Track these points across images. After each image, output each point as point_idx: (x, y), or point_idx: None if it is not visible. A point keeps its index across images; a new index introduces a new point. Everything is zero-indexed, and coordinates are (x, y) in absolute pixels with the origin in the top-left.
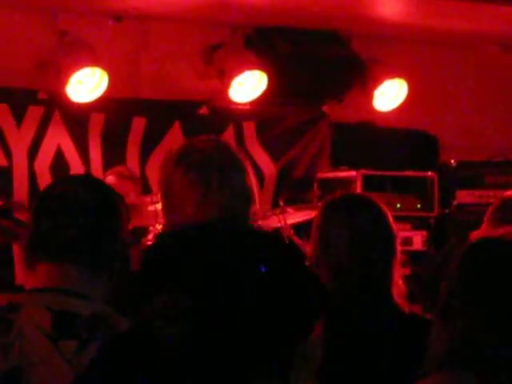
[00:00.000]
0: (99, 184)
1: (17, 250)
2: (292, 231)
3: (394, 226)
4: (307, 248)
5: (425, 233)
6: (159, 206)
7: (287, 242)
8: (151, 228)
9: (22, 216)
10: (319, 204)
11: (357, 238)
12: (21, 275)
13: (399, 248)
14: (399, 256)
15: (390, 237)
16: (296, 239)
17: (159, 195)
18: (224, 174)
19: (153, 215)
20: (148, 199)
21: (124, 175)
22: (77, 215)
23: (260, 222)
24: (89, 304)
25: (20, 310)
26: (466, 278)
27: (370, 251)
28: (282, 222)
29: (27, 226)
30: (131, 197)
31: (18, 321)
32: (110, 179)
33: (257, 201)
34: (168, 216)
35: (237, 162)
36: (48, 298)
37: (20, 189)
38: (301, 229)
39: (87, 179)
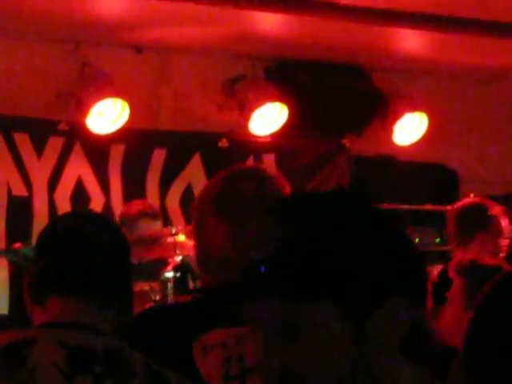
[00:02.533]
0: (109, 221)
1: None
2: None
3: None
4: None
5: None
6: (178, 238)
7: None
8: (170, 260)
9: None
10: None
11: None
12: None
13: None
14: None
15: None
16: None
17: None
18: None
19: (172, 247)
20: (167, 231)
21: (158, 217)
22: (88, 250)
23: None
24: (102, 339)
25: (33, 345)
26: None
27: None
28: None
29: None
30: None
31: (32, 357)
32: (147, 222)
33: None
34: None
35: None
36: (61, 333)
37: (40, 219)
38: None
39: (96, 215)
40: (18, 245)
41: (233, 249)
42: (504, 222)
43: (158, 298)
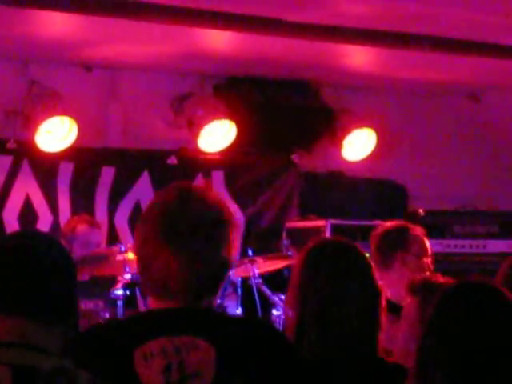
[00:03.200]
0: (54, 240)
1: None
2: (261, 281)
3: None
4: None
5: None
6: (128, 256)
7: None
8: (120, 278)
9: None
10: (288, 253)
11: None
12: None
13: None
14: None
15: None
16: (265, 289)
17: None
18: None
19: (121, 265)
20: (116, 249)
21: (95, 224)
22: (33, 269)
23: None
24: (49, 358)
25: None
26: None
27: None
28: (251, 272)
29: None
30: (102, 246)
31: None
32: (84, 227)
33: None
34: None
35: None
36: (8, 353)
37: None
38: (269, 279)
39: (42, 235)
40: None
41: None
42: (426, 241)
43: (107, 315)
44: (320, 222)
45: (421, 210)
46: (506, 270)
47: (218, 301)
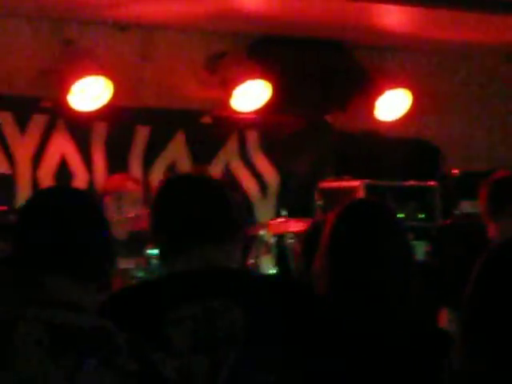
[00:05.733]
0: (90, 197)
1: None
2: (294, 240)
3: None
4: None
5: (427, 243)
6: None
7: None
8: None
9: None
10: (322, 213)
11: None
12: None
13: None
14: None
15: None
16: (297, 248)
17: None
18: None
19: None
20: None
21: (140, 182)
22: (68, 227)
23: (262, 231)
24: (85, 316)
25: (18, 323)
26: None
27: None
28: (285, 230)
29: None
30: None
31: (16, 336)
32: (133, 185)
33: None
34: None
35: None
36: (46, 312)
37: (23, 197)
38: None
39: (77, 191)
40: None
41: None
42: None
43: (140, 275)
44: (354, 183)
45: (455, 171)
46: None
47: (252, 261)
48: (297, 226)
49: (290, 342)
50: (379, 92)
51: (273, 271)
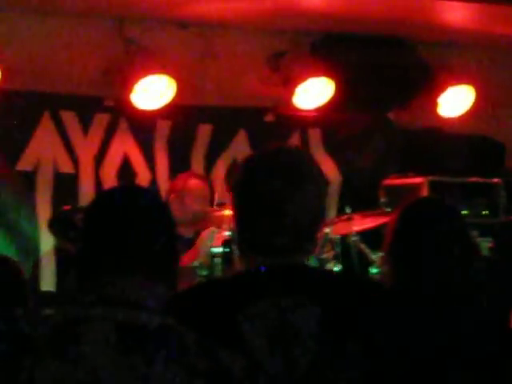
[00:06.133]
0: (155, 195)
1: None
2: (359, 238)
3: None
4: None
5: (490, 240)
6: (225, 213)
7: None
8: (218, 235)
9: None
10: (386, 210)
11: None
12: None
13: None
14: None
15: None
16: (363, 247)
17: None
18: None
19: (219, 221)
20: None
21: (205, 179)
22: (135, 226)
23: (327, 230)
24: (155, 316)
25: (86, 322)
26: None
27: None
28: (349, 230)
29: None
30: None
31: (85, 334)
32: (195, 182)
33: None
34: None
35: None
36: (113, 310)
37: (86, 196)
38: (367, 236)
39: (142, 189)
40: None
41: None
42: None
43: (205, 273)
44: (418, 179)
45: None
46: None
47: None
48: (362, 223)
49: (366, 339)
50: (442, 88)
51: (337, 269)
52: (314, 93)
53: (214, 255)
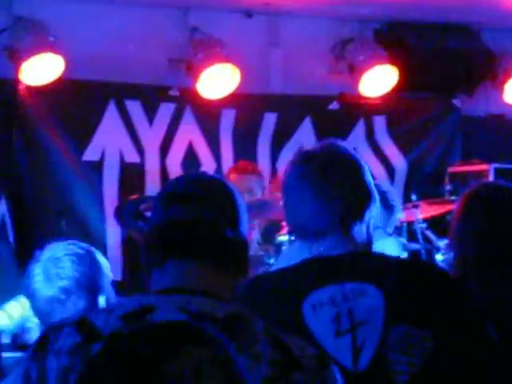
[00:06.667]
0: (223, 182)
1: None
2: (425, 225)
3: None
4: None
5: None
6: None
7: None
8: (284, 223)
9: None
10: (451, 198)
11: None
12: None
13: None
14: None
15: None
16: (429, 234)
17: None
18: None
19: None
20: (279, 195)
21: (246, 170)
22: (212, 211)
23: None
24: (223, 304)
25: (154, 311)
26: None
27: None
28: (415, 217)
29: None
30: (255, 192)
31: (153, 323)
32: (232, 176)
33: None
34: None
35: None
36: (182, 299)
37: (152, 185)
38: (433, 223)
39: (211, 178)
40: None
41: None
42: None
43: (271, 261)
44: (483, 166)
45: None
46: None
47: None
48: (427, 210)
49: (432, 324)
50: (507, 75)
51: (403, 255)
52: (378, 80)
53: (280, 244)
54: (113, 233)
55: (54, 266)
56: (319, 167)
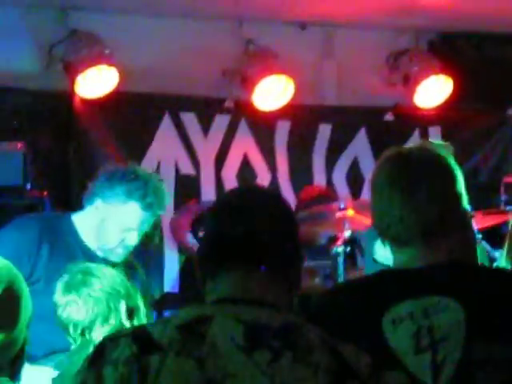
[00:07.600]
0: (277, 195)
1: None
2: (480, 236)
3: None
4: None
5: None
6: (347, 213)
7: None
8: (339, 235)
9: None
10: (507, 208)
11: None
12: None
13: None
14: None
15: None
16: (484, 244)
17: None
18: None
19: (341, 222)
20: (335, 206)
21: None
22: (260, 225)
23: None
24: (278, 314)
25: (210, 322)
26: None
27: None
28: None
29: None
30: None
31: (210, 333)
32: None
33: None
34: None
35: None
36: (237, 309)
37: (207, 197)
38: (488, 234)
39: (264, 190)
40: None
41: None
42: None
43: (327, 272)
44: None
45: None
46: None
47: None
48: (483, 221)
49: None
50: None
51: (486, 263)
52: (433, 91)
53: (336, 255)
54: (169, 244)
55: None
56: (411, 171)
